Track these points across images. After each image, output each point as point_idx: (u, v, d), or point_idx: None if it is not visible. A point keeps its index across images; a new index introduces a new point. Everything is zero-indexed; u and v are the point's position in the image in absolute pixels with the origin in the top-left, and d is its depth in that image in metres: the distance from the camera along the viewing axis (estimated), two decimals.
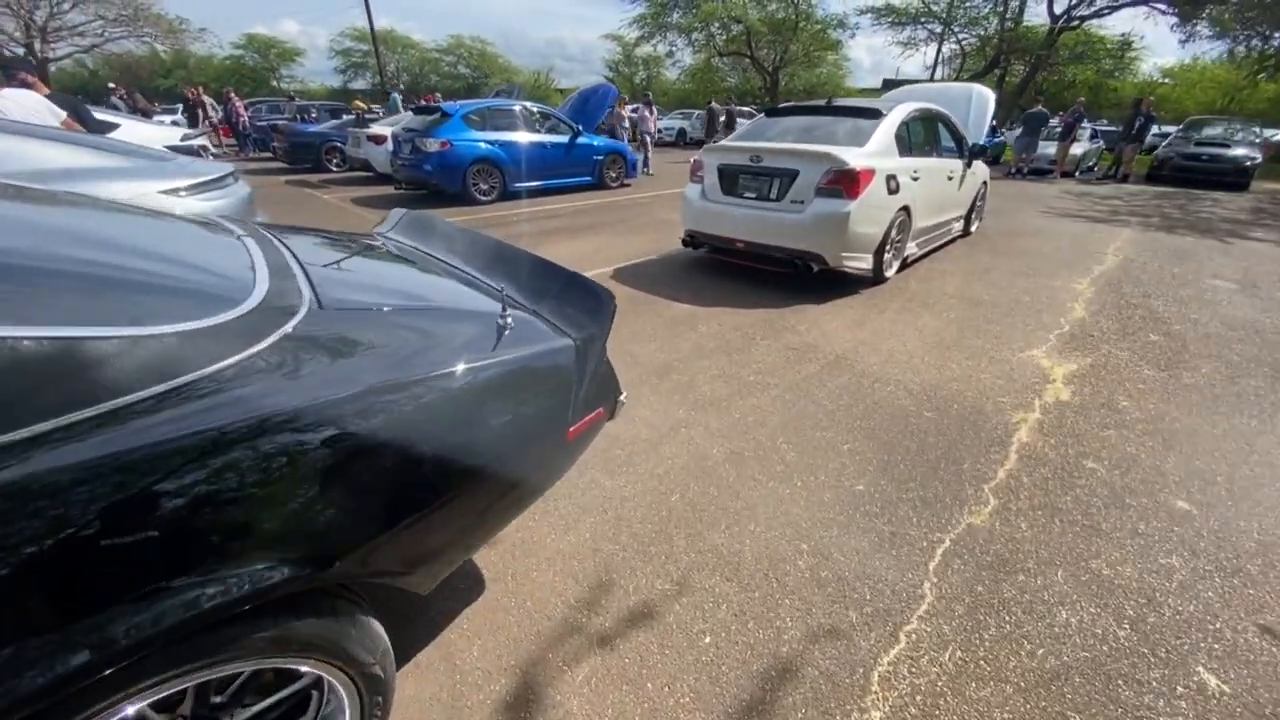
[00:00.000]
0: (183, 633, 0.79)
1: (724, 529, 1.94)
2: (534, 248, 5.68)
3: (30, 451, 0.70)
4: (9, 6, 22.59)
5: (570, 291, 1.60)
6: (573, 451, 1.52)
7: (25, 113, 4.13)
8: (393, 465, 1.05)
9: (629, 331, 3.64)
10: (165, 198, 3.28)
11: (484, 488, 1.23)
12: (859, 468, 2.27)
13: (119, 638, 0.74)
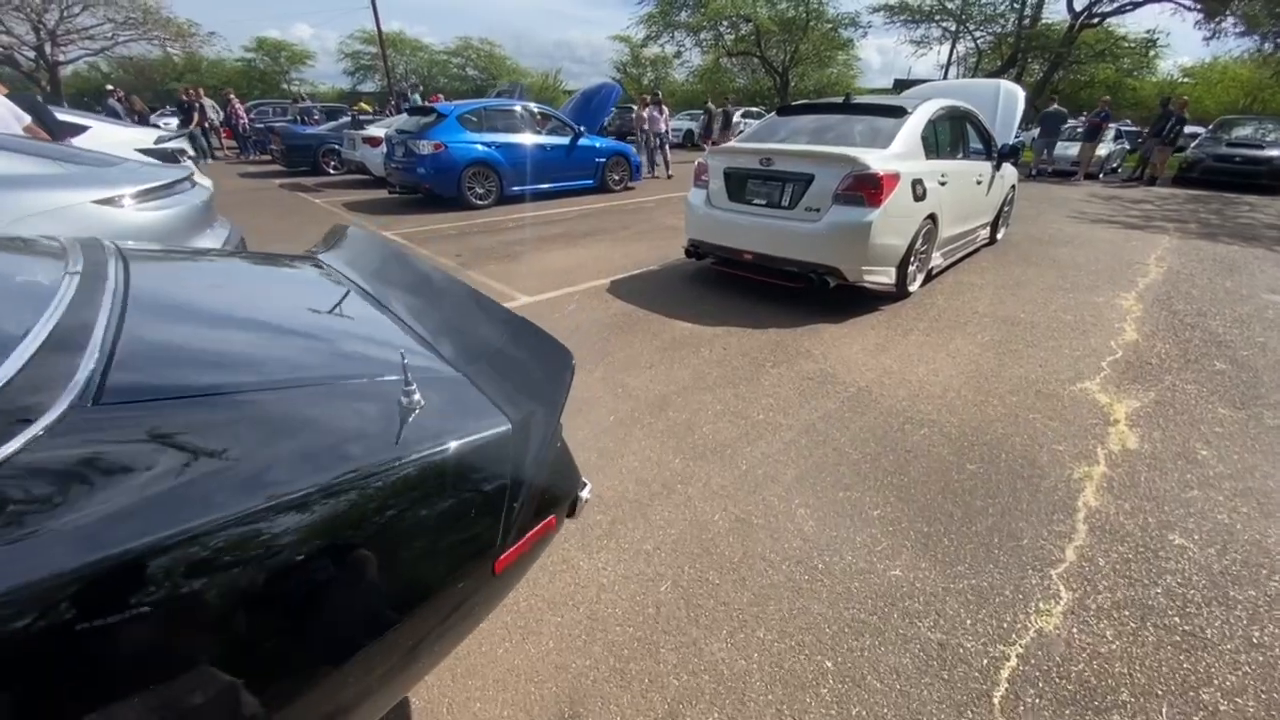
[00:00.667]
0: None
1: (726, 636, 1.53)
2: (527, 256, 5.26)
3: None
4: (19, 9, 22.60)
5: (517, 347, 1.20)
6: (501, 588, 1.11)
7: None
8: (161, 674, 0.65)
9: (622, 356, 3.24)
10: (101, 207, 2.92)
11: (334, 675, 0.81)
12: (893, 543, 1.85)
13: None
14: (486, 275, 4.77)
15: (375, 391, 0.96)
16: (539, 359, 1.16)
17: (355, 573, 0.81)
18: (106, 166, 3.26)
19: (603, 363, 3.16)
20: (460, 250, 5.61)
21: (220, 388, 0.86)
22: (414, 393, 0.95)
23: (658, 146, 11.48)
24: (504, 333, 1.22)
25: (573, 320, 3.79)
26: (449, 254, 5.47)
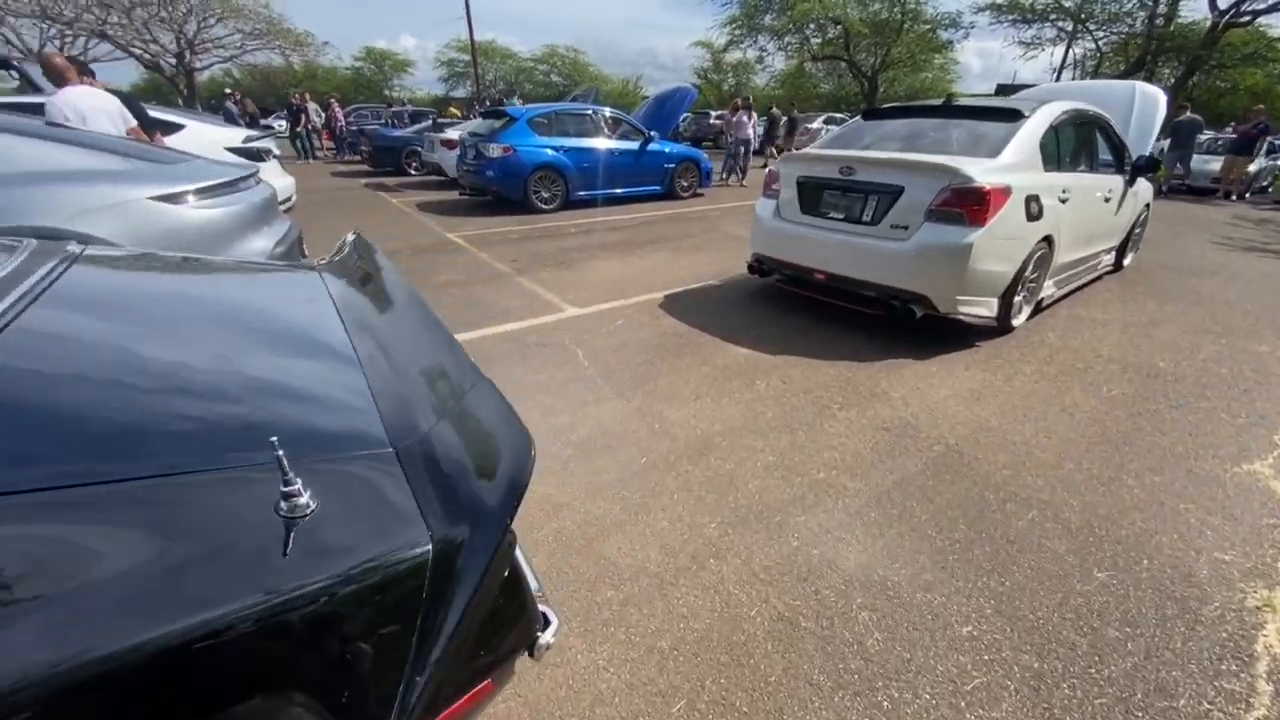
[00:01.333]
0: None
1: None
2: (583, 264, 4.97)
3: None
4: (164, 21, 25.47)
5: (472, 419, 0.89)
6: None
7: (81, 114, 4.05)
8: None
9: (666, 384, 2.89)
10: (158, 204, 2.94)
11: None
12: (990, 681, 1.39)
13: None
14: (538, 283, 4.57)
15: (242, 489, 0.68)
16: (493, 442, 0.85)
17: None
18: (171, 163, 3.31)
19: (642, 390, 2.83)
20: (517, 255, 5.48)
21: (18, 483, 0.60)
22: (297, 494, 0.66)
23: (741, 153, 11.00)
24: (462, 397, 0.92)
25: (618, 337, 3.49)
26: (506, 259, 5.34)
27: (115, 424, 0.75)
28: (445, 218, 7.45)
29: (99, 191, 2.81)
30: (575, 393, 2.81)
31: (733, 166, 11.05)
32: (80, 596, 0.53)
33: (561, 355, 3.23)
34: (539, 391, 2.82)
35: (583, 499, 2.04)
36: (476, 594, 0.69)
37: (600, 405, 2.68)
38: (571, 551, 1.80)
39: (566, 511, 1.98)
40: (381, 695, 0.65)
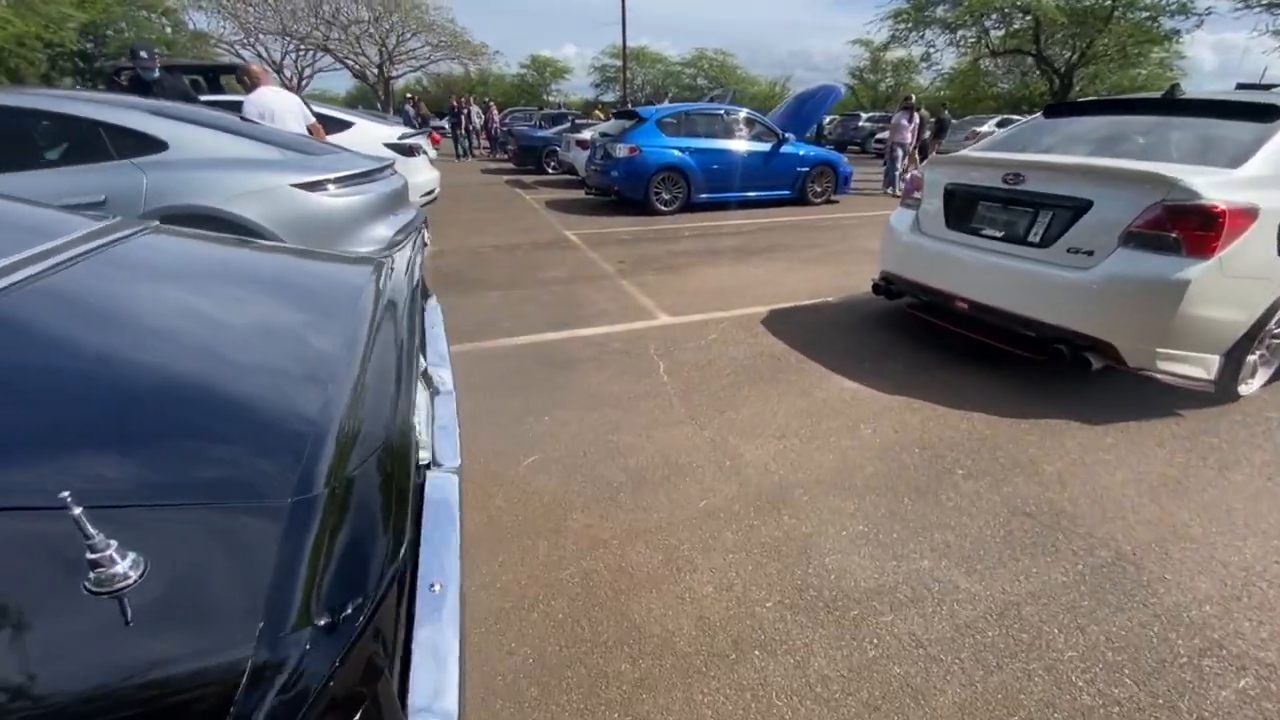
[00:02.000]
0: None
1: None
2: (690, 270, 4.67)
3: None
4: (371, 36, 29.78)
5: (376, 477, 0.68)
6: None
7: (271, 112, 4.69)
8: None
9: (749, 414, 2.54)
10: (299, 190, 3.22)
11: None
12: None
13: None
14: (638, 287, 4.41)
15: (43, 544, 0.53)
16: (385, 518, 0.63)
17: None
18: (319, 155, 3.64)
19: (720, 417, 2.51)
20: (625, 257, 5.38)
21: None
22: (111, 561, 0.50)
23: (898, 157, 9.93)
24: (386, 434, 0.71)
25: (708, 353, 3.19)
26: (613, 259, 5.27)
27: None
28: (567, 215, 7.63)
29: (253, 178, 3.13)
30: (646, 410, 2.57)
31: (892, 175, 10.01)
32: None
33: (642, 366, 3.01)
34: (608, 404, 2.62)
35: (622, 539, 1.79)
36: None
37: (669, 429, 2.42)
38: (594, 603, 1.56)
39: (602, 551, 1.75)
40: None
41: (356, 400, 0.84)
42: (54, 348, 0.90)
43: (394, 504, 0.72)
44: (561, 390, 2.76)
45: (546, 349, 3.25)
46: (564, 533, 1.82)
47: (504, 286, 4.41)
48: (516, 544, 1.77)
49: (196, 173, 3.06)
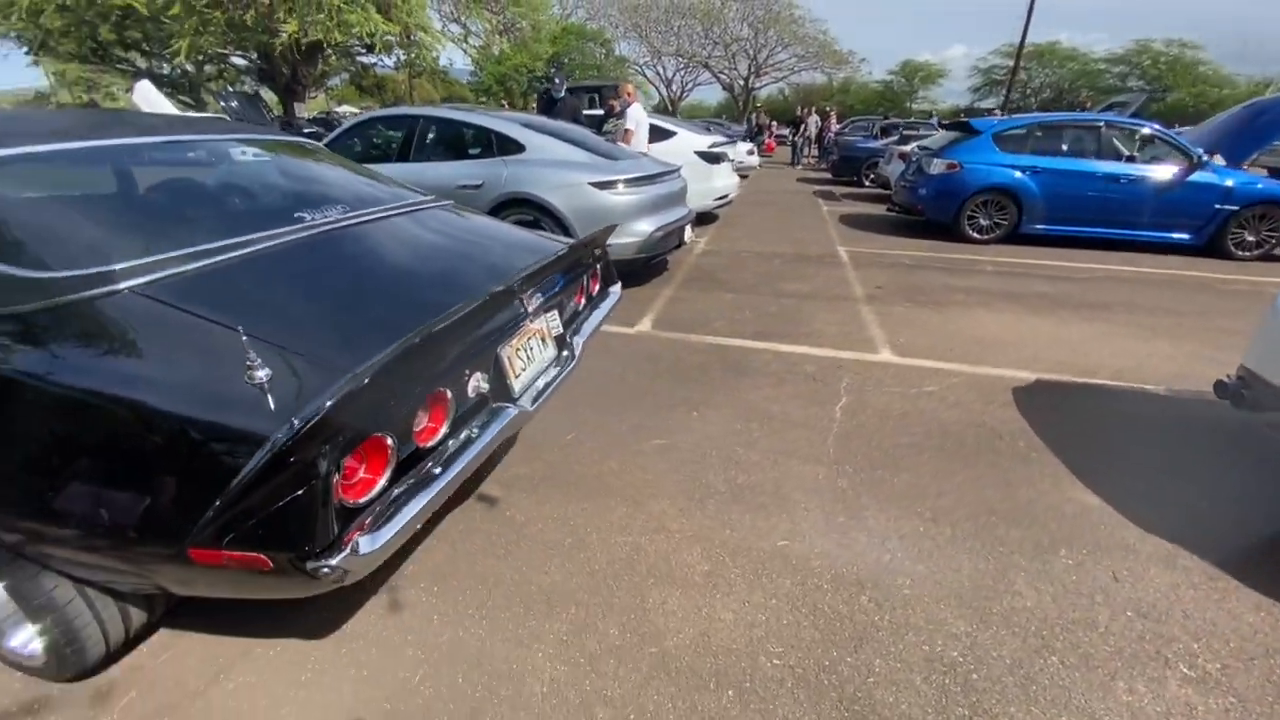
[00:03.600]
0: None
1: None
2: (958, 310, 4.46)
3: None
4: (747, 50, 32.60)
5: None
6: (190, 579, 1.08)
7: (640, 122, 5.88)
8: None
9: (905, 481, 2.18)
10: (593, 189, 4.06)
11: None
12: None
13: None
14: (877, 316, 4.02)
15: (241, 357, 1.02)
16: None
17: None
18: (620, 160, 4.46)
19: (866, 474, 2.23)
20: (887, 282, 4.90)
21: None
22: (257, 368, 0.99)
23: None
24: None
25: (905, 404, 2.78)
26: (871, 283, 4.87)
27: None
28: (854, 231, 7.23)
29: (565, 175, 4.09)
30: (791, 437, 2.47)
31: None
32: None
33: (821, 395, 2.85)
34: (759, 419, 2.61)
35: (685, 538, 1.88)
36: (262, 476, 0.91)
37: (801, 463, 2.29)
38: (626, 570, 1.73)
39: (661, 538, 1.87)
40: (200, 509, 0.96)
41: (442, 328, 1.21)
42: (353, 255, 1.59)
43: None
44: (725, 394, 2.86)
45: (737, 354, 3.36)
46: (643, 510, 2.01)
47: (740, 290, 4.61)
48: (601, 502, 2.05)
49: (533, 169, 4.17)
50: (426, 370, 1.23)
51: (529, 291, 1.64)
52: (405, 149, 4.50)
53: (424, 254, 1.77)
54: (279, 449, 0.92)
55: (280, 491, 0.94)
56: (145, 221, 1.55)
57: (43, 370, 1.06)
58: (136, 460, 1.03)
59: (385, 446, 1.12)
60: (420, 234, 1.90)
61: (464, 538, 1.88)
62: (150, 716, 1.31)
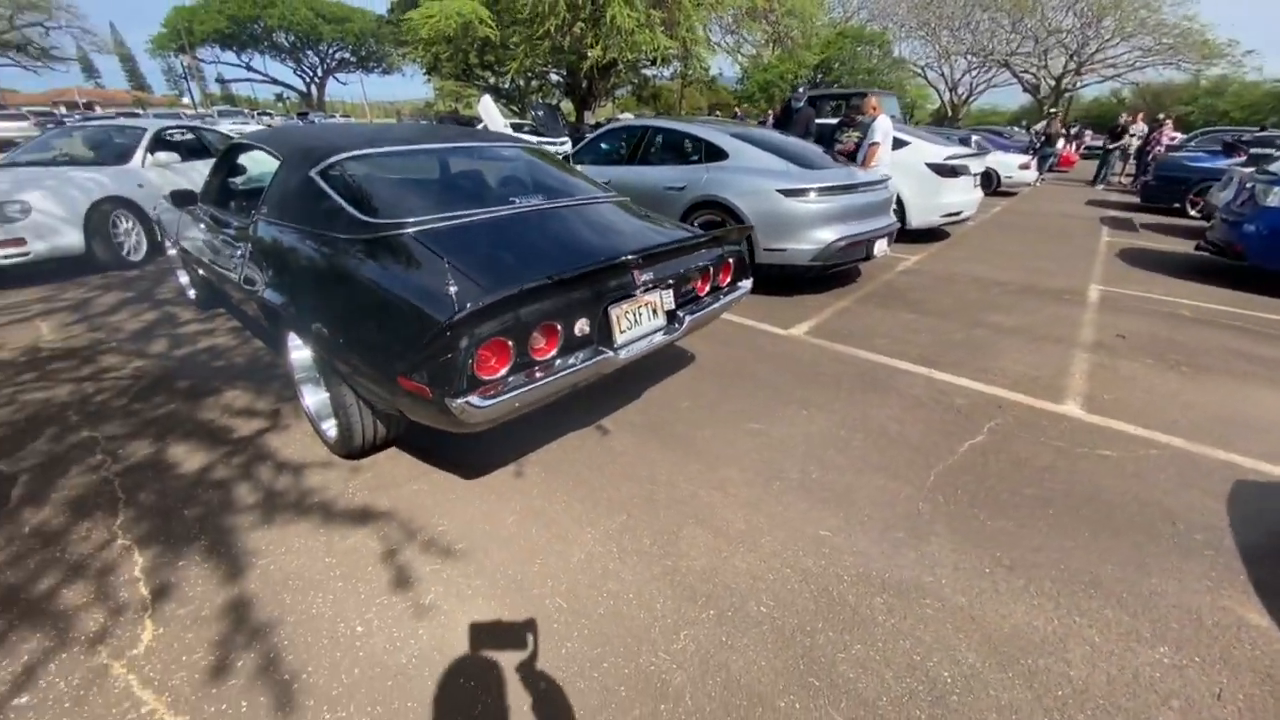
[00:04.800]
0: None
1: None
2: (1210, 376, 3.96)
3: None
4: (1063, 45, 27.01)
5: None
6: (394, 394, 1.76)
7: (888, 133, 5.87)
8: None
9: (998, 527, 2.04)
10: (780, 195, 4.29)
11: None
12: None
13: None
14: (1094, 367, 3.40)
15: None
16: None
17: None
18: (819, 170, 4.56)
19: (955, 510, 2.13)
20: (1135, 332, 3.99)
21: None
22: (450, 283, 1.68)
23: None
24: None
25: (1059, 460, 2.45)
26: (1112, 330, 4.04)
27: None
28: (1129, 270, 5.84)
29: (755, 182, 4.40)
30: (876, 462, 2.45)
31: None
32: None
33: (947, 431, 2.69)
34: (862, 434, 2.62)
35: (715, 507, 2.14)
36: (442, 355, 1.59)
37: (876, 487, 2.29)
38: (666, 508, 2.09)
39: (701, 504, 2.17)
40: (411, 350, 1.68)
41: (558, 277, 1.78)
42: (534, 227, 2.29)
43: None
44: (845, 403, 2.90)
45: (883, 372, 3.28)
46: (713, 472, 2.32)
47: (927, 313, 4.30)
48: (683, 455, 2.42)
49: (729, 175, 4.57)
50: (545, 307, 1.80)
51: (643, 270, 2.10)
52: (633, 153, 5.34)
53: (580, 232, 2.37)
54: (443, 328, 1.57)
55: (441, 352, 1.60)
56: (423, 196, 2.47)
57: (362, 270, 1.92)
58: (388, 321, 1.81)
59: (507, 347, 1.73)
60: (586, 219, 2.52)
61: (574, 449, 2.47)
62: (373, 485, 2.19)
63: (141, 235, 5.48)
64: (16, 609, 1.65)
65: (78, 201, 4.85)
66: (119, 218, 5.23)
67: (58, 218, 4.71)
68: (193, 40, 40.41)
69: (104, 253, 5.06)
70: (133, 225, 5.38)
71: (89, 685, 1.43)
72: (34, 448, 2.46)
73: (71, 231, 4.78)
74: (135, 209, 5.34)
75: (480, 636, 1.58)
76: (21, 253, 4.49)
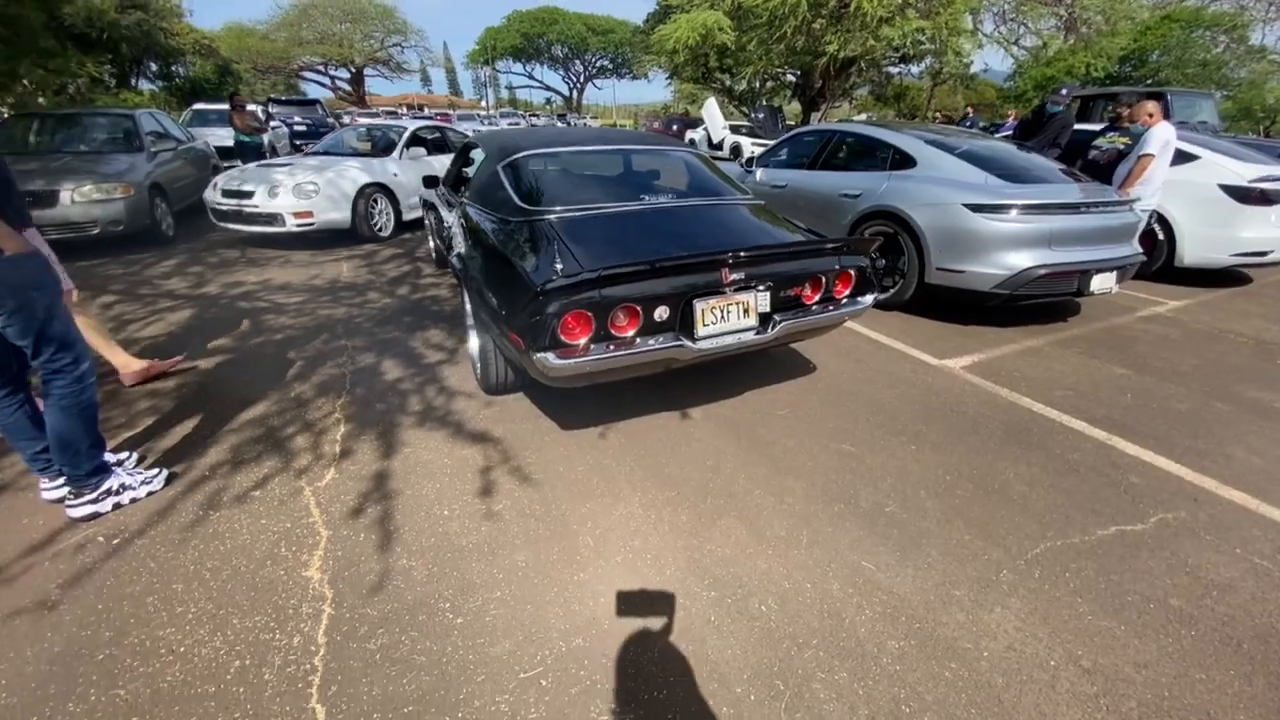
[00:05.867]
0: None
1: None
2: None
3: None
4: None
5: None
6: (509, 347, 2.20)
7: (1168, 143, 4.81)
8: None
9: (1081, 608, 1.68)
10: (966, 210, 3.80)
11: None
12: None
13: None
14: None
15: None
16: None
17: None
18: (1031, 185, 3.91)
19: (1016, 609, 1.79)
20: None
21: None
22: (559, 261, 2.08)
23: None
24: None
25: (1230, 572, 1.85)
26: None
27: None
28: None
29: (938, 193, 3.97)
30: (944, 517, 2.13)
31: None
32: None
33: (1093, 509, 2.21)
34: (925, 484, 2.31)
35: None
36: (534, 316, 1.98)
37: (901, 548, 2.02)
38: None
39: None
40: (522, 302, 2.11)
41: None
42: (652, 223, 2.57)
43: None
44: (967, 449, 2.56)
45: (1042, 427, 2.77)
46: (779, 479, 2.32)
47: (1152, 373, 3.40)
48: (756, 458, 2.46)
49: (912, 184, 4.19)
50: (628, 291, 2.06)
51: (734, 269, 2.21)
52: (817, 158, 5.20)
53: (692, 229, 2.54)
54: (536, 293, 1.94)
55: (534, 313, 1.98)
56: (572, 189, 2.90)
57: (509, 244, 2.42)
58: (511, 285, 2.26)
59: (589, 319, 2.04)
60: (705, 217, 2.69)
61: (657, 426, 2.69)
62: (496, 418, 2.74)
63: (390, 215, 6.50)
64: (270, 441, 2.54)
65: (349, 186, 6.03)
66: (375, 199, 6.33)
67: (335, 198, 5.93)
68: (494, 54, 49.67)
69: (363, 227, 6.21)
70: (385, 206, 6.42)
71: (288, 497, 2.18)
72: (312, 344, 3.60)
73: (343, 210, 6.00)
74: (389, 193, 6.39)
75: (520, 541, 1.94)
76: (308, 223, 5.78)
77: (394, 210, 6.56)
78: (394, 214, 6.58)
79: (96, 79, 15.51)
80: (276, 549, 1.92)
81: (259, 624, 1.64)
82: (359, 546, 1.93)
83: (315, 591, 1.75)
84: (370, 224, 6.29)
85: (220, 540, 1.96)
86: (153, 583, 1.79)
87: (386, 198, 6.45)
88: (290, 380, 3.13)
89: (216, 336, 3.73)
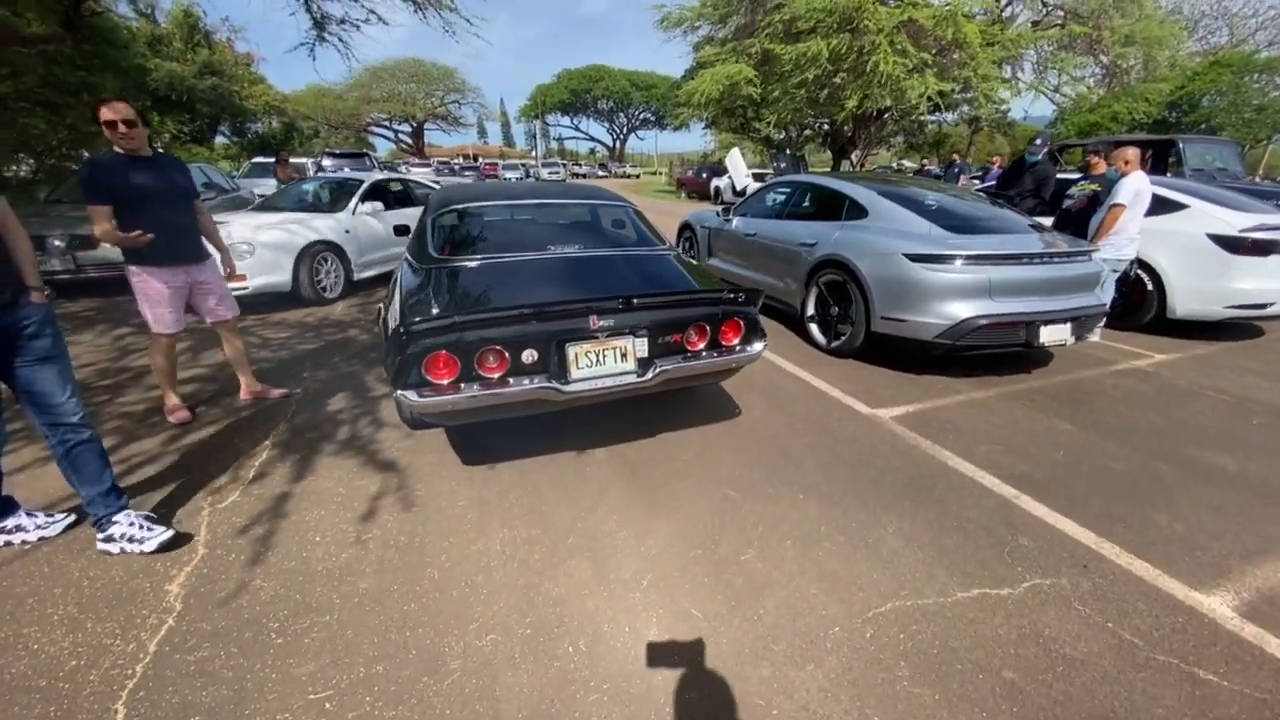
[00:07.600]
0: None
1: None
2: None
3: None
4: None
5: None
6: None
7: (1141, 195, 4.66)
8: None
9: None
10: (907, 261, 3.78)
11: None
12: None
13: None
14: None
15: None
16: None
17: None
18: (973, 234, 3.89)
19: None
20: None
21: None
22: (434, 304, 2.27)
23: None
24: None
25: (1106, 661, 1.74)
26: None
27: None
28: None
29: (881, 243, 3.99)
30: (799, 570, 2.09)
31: None
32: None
33: (951, 580, 2.12)
34: (802, 530, 2.26)
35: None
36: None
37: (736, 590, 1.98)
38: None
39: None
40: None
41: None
42: (546, 272, 2.74)
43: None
44: (859, 499, 2.51)
45: (950, 482, 2.68)
46: (620, 514, 2.35)
47: (1099, 432, 3.22)
48: (623, 494, 2.49)
49: (859, 235, 4.24)
50: (491, 334, 2.20)
51: (603, 315, 2.32)
52: (784, 208, 5.32)
53: (580, 278, 2.69)
54: (399, 334, 2.11)
55: (399, 351, 2.14)
56: (480, 239, 3.12)
57: (410, 289, 2.63)
58: (390, 326, 2.45)
59: (454, 360, 2.18)
60: (602, 267, 2.83)
61: (554, 463, 2.76)
62: (409, 448, 2.88)
63: (340, 275, 5.92)
64: (199, 463, 2.78)
65: (292, 244, 5.39)
66: (324, 257, 5.71)
67: (272, 260, 5.28)
68: (544, 109, 52.89)
69: (307, 290, 5.54)
70: (334, 265, 5.82)
71: (188, 516, 2.37)
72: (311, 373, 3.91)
73: (283, 271, 5.35)
74: (339, 251, 5.80)
75: (371, 569, 2.04)
76: (240, 288, 4.79)
77: (344, 270, 5.99)
78: (344, 274, 5.99)
79: (176, 135, 17.58)
80: (154, 563, 2.10)
81: (107, 630, 1.80)
82: (225, 565, 2.09)
83: (167, 604, 1.90)
84: (316, 285, 5.67)
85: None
86: (39, 586, 1.99)
87: (337, 256, 5.88)
88: (238, 408, 3.41)
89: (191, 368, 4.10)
